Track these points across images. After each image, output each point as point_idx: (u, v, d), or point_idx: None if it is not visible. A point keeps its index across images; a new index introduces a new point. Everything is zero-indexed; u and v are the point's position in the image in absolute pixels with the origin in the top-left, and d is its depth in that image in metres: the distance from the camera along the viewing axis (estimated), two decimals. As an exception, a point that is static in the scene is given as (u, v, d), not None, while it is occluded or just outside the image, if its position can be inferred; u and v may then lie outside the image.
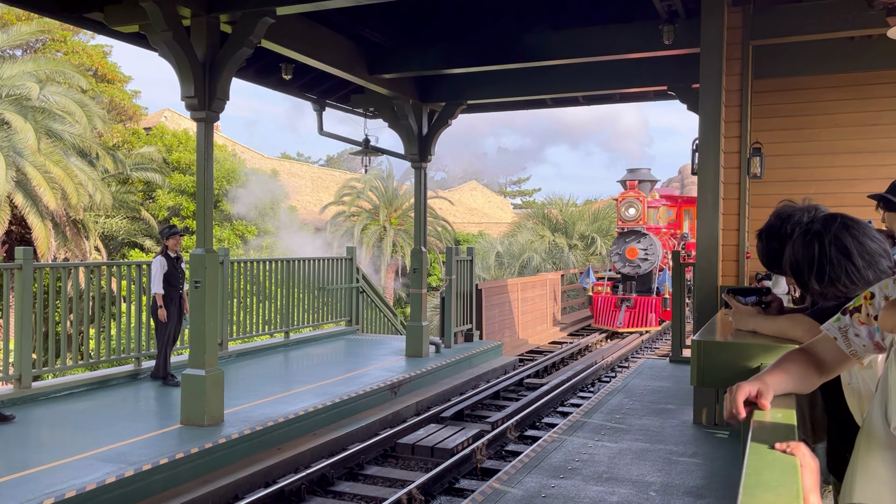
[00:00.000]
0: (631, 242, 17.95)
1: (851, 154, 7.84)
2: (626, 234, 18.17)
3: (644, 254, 17.82)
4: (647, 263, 17.81)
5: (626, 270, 17.85)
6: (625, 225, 18.08)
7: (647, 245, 17.69)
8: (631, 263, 17.84)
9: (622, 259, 17.93)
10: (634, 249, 17.62)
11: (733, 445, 5.75)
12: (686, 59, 8.02)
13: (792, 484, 1.15)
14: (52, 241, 18.39)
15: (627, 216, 17.91)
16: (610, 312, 17.33)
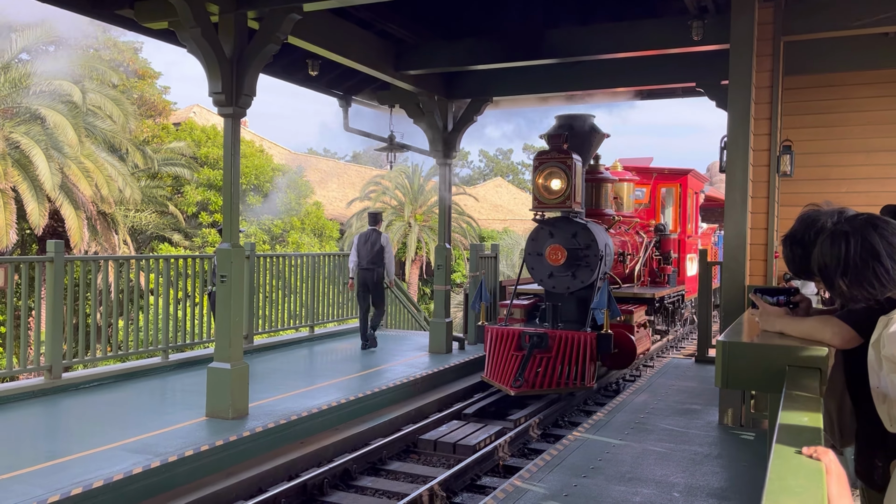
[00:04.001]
0: (554, 238, 9.06)
1: (886, 153, 7.69)
2: (547, 223, 9.19)
3: (577, 258, 8.92)
4: (584, 274, 8.94)
5: (548, 285, 9.18)
6: (545, 207, 9.02)
7: (584, 242, 8.93)
8: (554, 274, 9.08)
9: (540, 266, 9.16)
10: (559, 250, 8.87)
11: (759, 447, 5.67)
12: (715, 56, 7.91)
13: (817, 490, 1.13)
14: (86, 232, 18.69)
15: (549, 192, 8.92)
16: (507, 359, 8.62)
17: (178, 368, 8.56)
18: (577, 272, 8.91)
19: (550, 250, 8.89)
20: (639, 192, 12.49)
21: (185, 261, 9.55)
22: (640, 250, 11.13)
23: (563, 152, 8.64)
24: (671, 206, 12.93)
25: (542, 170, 8.70)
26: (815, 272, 2.26)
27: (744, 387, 5.15)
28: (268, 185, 25.14)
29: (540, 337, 8.40)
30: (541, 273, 9.10)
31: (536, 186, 8.77)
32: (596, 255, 8.77)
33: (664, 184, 12.82)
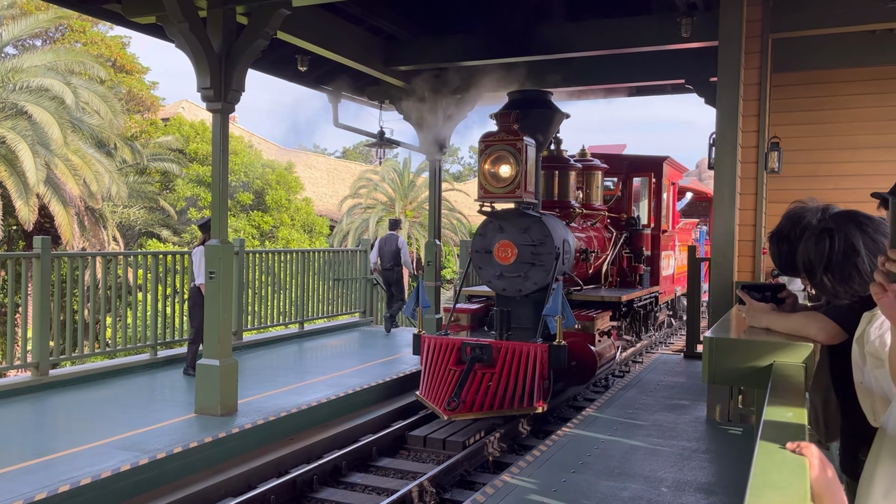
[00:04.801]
0: (504, 233, 7.85)
1: (872, 149, 7.74)
2: (496, 216, 7.98)
3: (530, 256, 7.72)
4: (538, 274, 7.68)
5: (497, 287, 7.95)
6: (492, 197, 7.69)
7: (537, 237, 7.68)
8: (504, 275, 7.84)
9: (489, 265, 7.91)
10: (509, 247, 7.77)
11: (747, 442, 5.71)
12: (704, 52, 7.95)
13: (800, 484, 1.14)
14: (76, 228, 18.57)
15: (496, 180, 7.53)
16: (444, 375, 7.32)
17: (166, 365, 8.52)
18: (529, 272, 7.64)
19: (499, 247, 7.70)
20: (609, 181, 10.95)
21: (174, 257, 9.50)
22: (608, 247, 9.86)
23: (512, 133, 7.32)
24: (646, 196, 11.30)
25: (489, 154, 7.38)
26: (801, 269, 2.28)
27: (730, 382, 5.21)
28: (257, 182, 25.04)
29: (482, 349, 7.11)
30: (489, 273, 7.86)
31: (482, 173, 7.45)
32: (551, 253, 7.51)
33: (637, 173, 11.18)
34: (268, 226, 25.06)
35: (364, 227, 28.15)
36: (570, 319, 6.83)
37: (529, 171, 7.43)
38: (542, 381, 6.94)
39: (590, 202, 9.82)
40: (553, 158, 9.10)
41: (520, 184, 7.31)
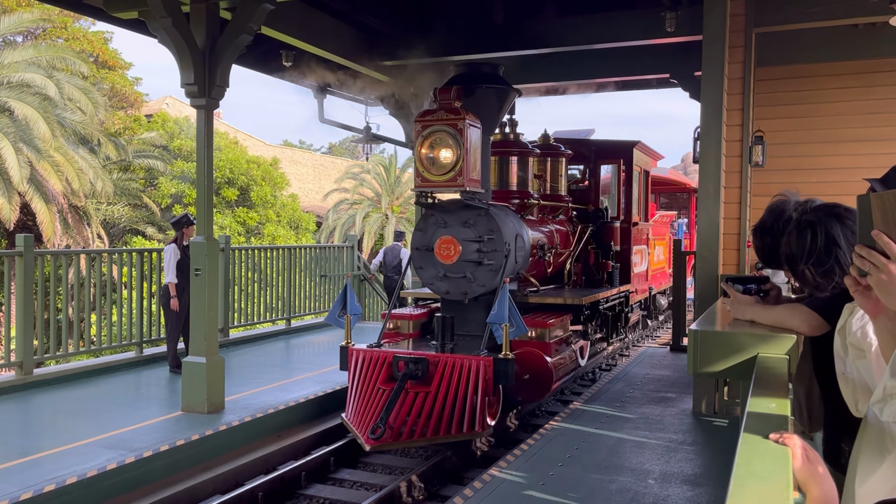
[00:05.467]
0: (447, 228, 6.91)
1: (854, 143, 7.81)
2: (437, 208, 6.97)
3: (476, 254, 6.81)
4: (485, 275, 6.81)
5: (440, 288, 7.03)
6: (430, 186, 6.64)
7: (483, 232, 6.77)
8: (448, 275, 6.94)
9: (430, 264, 7.00)
10: (452, 244, 6.85)
11: (732, 434, 5.76)
12: (688, 47, 7.98)
13: (782, 474, 1.15)
14: (58, 226, 18.40)
15: (434, 167, 6.51)
16: (372, 395, 6.29)
17: (152, 363, 8.47)
18: (476, 272, 6.70)
19: (440, 244, 6.74)
20: (574, 170, 9.94)
21: (159, 254, 9.44)
22: (572, 243, 8.85)
23: (453, 112, 6.33)
24: (616, 185, 10.06)
25: (427, 135, 6.38)
26: (783, 262, 2.30)
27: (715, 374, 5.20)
28: (242, 178, 24.91)
29: (416, 363, 6.10)
30: (431, 274, 6.86)
31: (418, 158, 6.46)
32: (500, 250, 6.62)
33: (605, 160, 9.98)
34: (253, 222, 24.94)
35: (351, 223, 28.09)
36: (519, 327, 5.81)
37: (474, 155, 6.45)
38: (488, 399, 6.00)
39: (551, 192, 8.80)
40: (507, 143, 8.02)
41: (462, 170, 6.30)
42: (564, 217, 8.96)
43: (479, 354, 6.09)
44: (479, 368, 5.99)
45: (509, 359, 5.96)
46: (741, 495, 1.08)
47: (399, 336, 7.31)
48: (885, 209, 1.44)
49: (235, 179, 24.78)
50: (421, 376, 6.11)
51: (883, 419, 1.48)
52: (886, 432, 1.49)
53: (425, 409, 5.97)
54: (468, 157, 6.34)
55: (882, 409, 1.48)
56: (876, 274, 1.44)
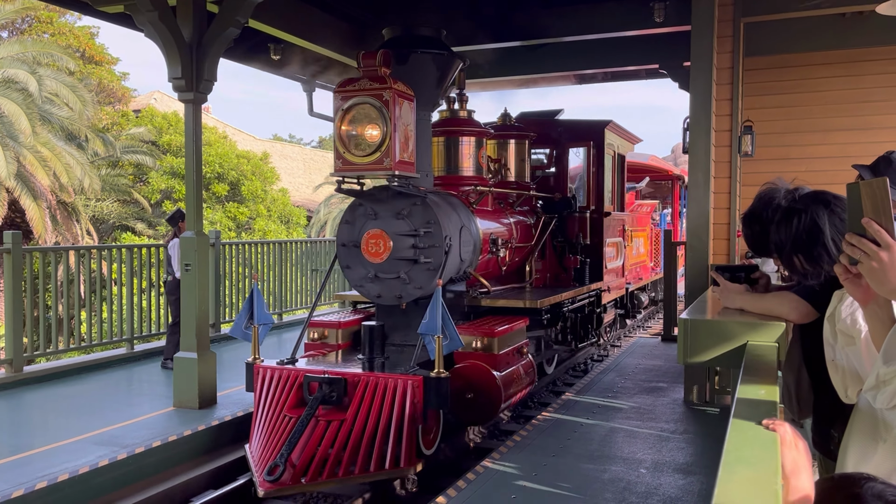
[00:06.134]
0: (377, 219, 5.86)
1: (843, 132, 7.84)
2: (366, 197, 5.94)
3: (412, 250, 5.77)
4: (421, 275, 5.78)
5: (370, 291, 6.02)
6: (352, 170, 5.52)
7: (419, 224, 5.75)
8: (379, 276, 5.91)
9: (358, 263, 5.95)
10: (381, 238, 5.76)
11: (723, 423, 5.78)
12: (677, 37, 7.98)
13: (771, 459, 1.16)
14: (47, 222, 18.28)
15: (357, 146, 5.40)
16: (277, 424, 5.23)
17: (143, 359, 8.44)
18: (411, 272, 5.70)
19: (369, 239, 5.71)
20: (540, 153, 8.92)
21: (149, 250, 9.40)
22: (534, 236, 7.80)
23: (378, 81, 5.25)
24: (585, 172, 8.95)
25: (347, 109, 5.29)
26: (772, 249, 2.31)
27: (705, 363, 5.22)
28: (232, 173, 24.80)
29: (332, 384, 5.07)
30: (359, 275, 5.85)
31: (338, 136, 5.37)
32: (439, 246, 5.63)
33: (574, 143, 8.85)
34: (244, 217, 24.86)
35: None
36: (454, 339, 4.81)
37: (404, 133, 5.38)
38: (421, 426, 5.05)
39: (510, 179, 7.79)
40: (455, 121, 6.94)
41: (390, 151, 5.24)
42: (527, 207, 7.94)
43: (407, 372, 5.08)
44: (405, 390, 4.96)
45: (442, 378, 4.92)
46: (730, 481, 1.09)
47: (325, 348, 6.14)
48: (875, 197, 1.44)
49: (225, 174, 24.67)
50: (336, 400, 5.05)
51: (876, 406, 1.49)
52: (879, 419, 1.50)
53: (338, 441, 4.88)
54: (396, 134, 5.26)
55: (875, 396, 1.49)
56: (867, 262, 1.44)
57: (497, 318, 6.28)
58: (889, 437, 1.46)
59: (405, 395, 4.97)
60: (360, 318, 6.42)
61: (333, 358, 6.08)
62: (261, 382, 5.48)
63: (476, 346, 5.63)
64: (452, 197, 6.41)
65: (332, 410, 5.08)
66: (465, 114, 7.11)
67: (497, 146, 7.79)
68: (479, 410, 5.54)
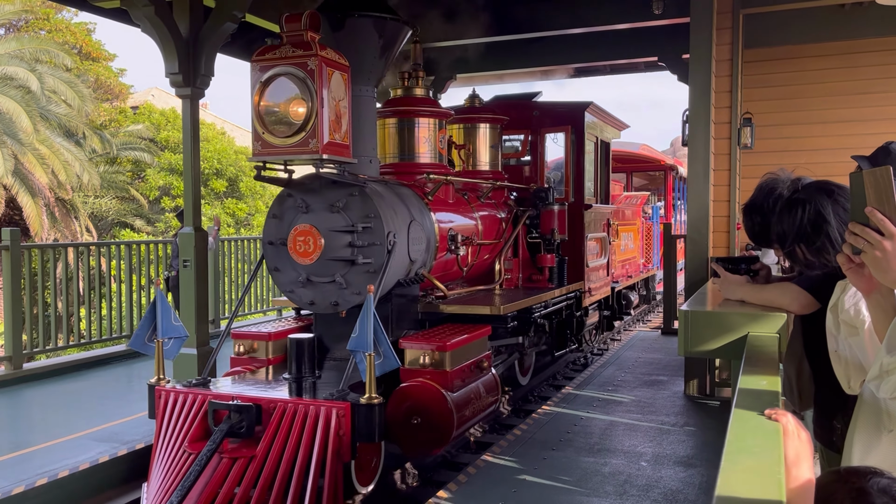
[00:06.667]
0: (312, 212, 4.93)
1: (842, 123, 7.83)
2: (296, 187, 5.02)
3: (349, 249, 4.85)
4: (360, 277, 4.85)
5: (301, 298, 5.06)
6: (272, 153, 4.57)
7: (357, 219, 4.83)
8: (312, 280, 4.96)
9: (286, 264, 5.02)
10: (311, 236, 4.86)
11: (724, 415, 5.78)
12: (676, 29, 7.96)
13: (773, 449, 1.15)
14: (45, 219, 18.27)
15: (278, 124, 4.50)
16: (175, 461, 4.23)
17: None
18: (349, 275, 4.83)
19: (296, 236, 4.86)
20: (514, 140, 8.19)
21: (148, 246, 9.38)
22: (503, 231, 7.03)
23: (303, 47, 4.39)
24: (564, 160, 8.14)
25: (266, 81, 4.46)
26: (774, 240, 2.30)
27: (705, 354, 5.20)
28: (231, 169, 24.77)
29: (241, 412, 4.18)
30: (290, 278, 4.98)
31: (256, 114, 4.52)
32: (381, 244, 4.80)
33: (551, 128, 8.03)
34: (243, 213, 24.84)
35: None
36: (388, 358, 4.02)
37: (336, 110, 4.51)
38: (340, 465, 4.14)
39: (479, 168, 7.11)
40: (410, 100, 6.09)
41: (316, 130, 4.36)
42: (497, 199, 7.14)
43: (334, 397, 4.17)
44: (329, 421, 4.06)
45: (374, 404, 4.07)
46: (733, 471, 1.08)
47: (254, 363, 5.31)
48: (879, 186, 1.43)
49: (224, 170, 24.64)
50: (246, 432, 4.16)
51: (880, 396, 1.48)
52: (883, 409, 1.50)
53: (245, 483, 4.01)
54: (325, 111, 4.36)
55: (878, 386, 1.48)
56: (870, 251, 1.43)
57: (455, 327, 5.31)
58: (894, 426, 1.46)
59: (328, 427, 4.05)
60: (296, 328, 5.53)
61: (263, 375, 5.16)
62: (162, 408, 4.50)
63: (424, 362, 4.72)
64: (403, 187, 5.58)
65: (241, 445, 4.17)
66: (421, 92, 6.19)
67: (464, 131, 7.09)
68: (428, 438, 4.57)
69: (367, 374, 4.06)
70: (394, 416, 4.50)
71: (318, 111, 4.36)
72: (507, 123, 7.46)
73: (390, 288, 5.07)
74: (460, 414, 4.67)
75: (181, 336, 4.78)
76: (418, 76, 6.21)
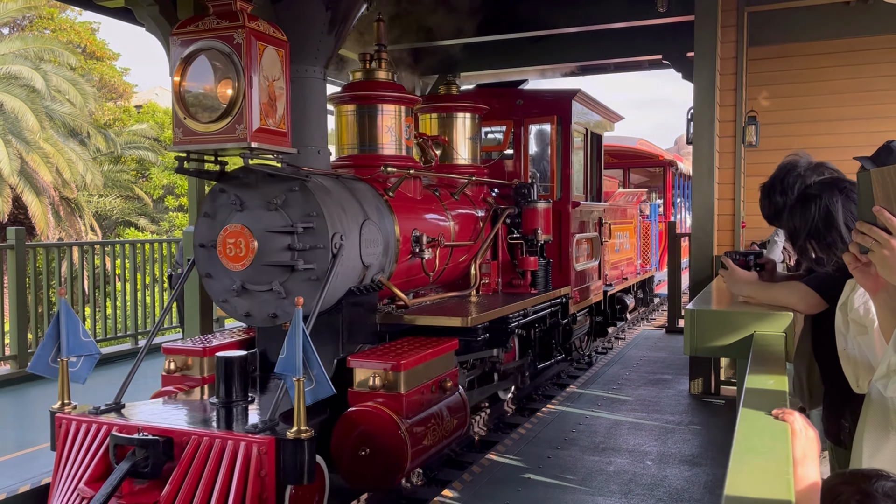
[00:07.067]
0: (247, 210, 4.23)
1: (847, 121, 7.80)
2: (231, 181, 4.31)
3: (289, 253, 4.14)
4: (302, 285, 4.14)
5: (235, 309, 4.33)
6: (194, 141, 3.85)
7: (298, 217, 4.12)
8: (247, 288, 4.24)
9: (217, 270, 4.32)
10: (242, 237, 4.12)
11: (729, 414, 5.78)
12: (681, 27, 7.93)
13: (782, 449, 1.14)
14: (50, 218, 18.33)
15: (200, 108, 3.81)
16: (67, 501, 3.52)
17: (147, 354, 8.42)
18: (289, 283, 4.16)
19: (226, 238, 4.16)
20: (495, 132, 7.61)
21: (152, 245, 9.39)
22: (480, 231, 6.35)
23: (229, 17, 3.75)
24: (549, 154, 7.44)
25: (188, 58, 3.81)
26: (787, 237, 2.29)
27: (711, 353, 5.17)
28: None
29: (147, 447, 3.50)
30: (223, 286, 4.31)
31: (177, 96, 3.87)
32: (324, 247, 4.12)
33: (535, 118, 7.39)
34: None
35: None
36: (321, 384, 3.30)
37: (269, 91, 3.85)
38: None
39: (456, 161, 6.51)
40: (369, 84, 5.36)
41: (244, 115, 3.69)
42: (475, 197, 6.51)
43: (256, 429, 3.41)
44: (248, 459, 3.36)
45: (303, 438, 3.33)
46: (741, 471, 1.07)
47: (187, 382, 4.71)
48: (887, 185, 1.42)
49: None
50: (152, 472, 3.48)
51: (887, 395, 1.47)
52: (891, 409, 1.49)
53: None
54: (254, 91, 3.69)
55: (886, 384, 1.47)
56: (878, 250, 1.43)
57: (417, 341, 4.61)
58: None
59: (246, 467, 3.36)
60: (236, 342, 4.88)
61: (198, 396, 4.51)
62: (62, 440, 3.83)
63: (374, 384, 4.06)
64: (358, 182, 4.91)
65: (148, 487, 3.50)
66: (384, 75, 5.42)
67: (439, 122, 6.53)
68: (378, 473, 3.96)
69: (296, 402, 3.32)
70: (339, 446, 3.94)
71: (246, 92, 3.69)
72: (489, 113, 6.93)
73: (340, 297, 4.38)
74: (417, 444, 4.03)
75: (92, 354, 4.15)
76: (381, 58, 5.42)
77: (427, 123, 6.57)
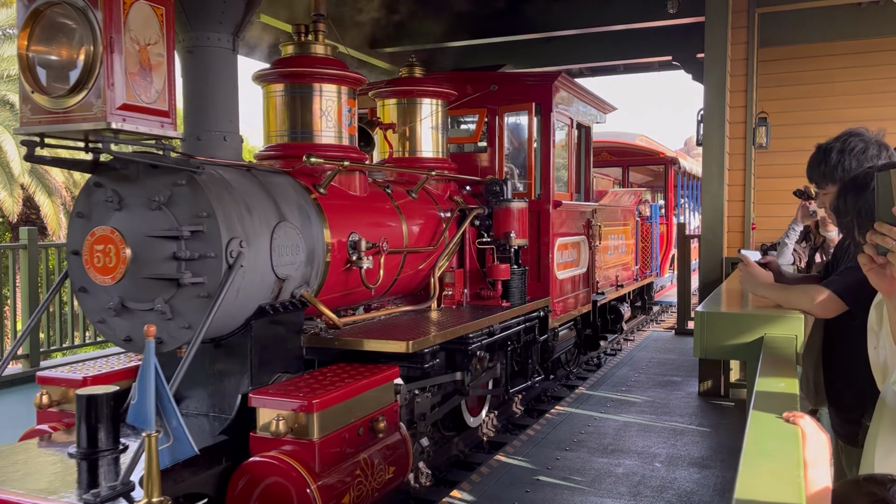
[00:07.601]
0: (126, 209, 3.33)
1: (858, 123, 7.72)
2: (108, 173, 3.39)
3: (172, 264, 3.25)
4: (189, 304, 3.27)
5: (115, 331, 3.50)
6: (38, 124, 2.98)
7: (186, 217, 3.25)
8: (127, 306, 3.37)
9: (91, 284, 3.41)
10: (112, 242, 3.26)
11: (739, 416, 5.76)
12: (691, 28, 7.93)
13: (792, 452, 1.14)
14: (62, 218, 18.45)
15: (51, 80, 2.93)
16: None
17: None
18: (175, 301, 3.33)
19: (93, 244, 3.34)
20: (467, 122, 6.85)
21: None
22: (444, 235, 5.42)
23: None
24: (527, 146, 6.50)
25: (35, 16, 2.96)
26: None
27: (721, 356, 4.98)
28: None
29: None
30: (100, 303, 3.45)
31: (24, 65, 2.97)
32: (216, 256, 3.29)
33: (511, 105, 6.47)
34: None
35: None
36: (181, 441, 2.51)
37: (138, 58, 2.97)
38: None
39: (418, 154, 5.66)
40: (303, 60, 4.51)
41: (98, 85, 2.86)
42: (439, 195, 5.64)
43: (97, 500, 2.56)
44: None
45: None
46: (752, 474, 1.07)
47: (65, 420, 3.78)
48: None
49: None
50: None
51: None
52: None
53: None
54: (115, 57, 2.86)
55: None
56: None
57: (346, 370, 3.69)
58: None
59: None
60: (131, 369, 3.99)
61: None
62: None
63: (278, 430, 3.11)
64: (278, 175, 4.07)
65: None
66: (322, 50, 4.57)
67: (398, 108, 5.65)
68: None
69: (147, 465, 2.40)
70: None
71: (106, 57, 2.85)
72: (460, 101, 6.06)
73: (248, 317, 3.54)
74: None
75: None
76: (318, 30, 4.56)
77: (385, 111, 5.69)
